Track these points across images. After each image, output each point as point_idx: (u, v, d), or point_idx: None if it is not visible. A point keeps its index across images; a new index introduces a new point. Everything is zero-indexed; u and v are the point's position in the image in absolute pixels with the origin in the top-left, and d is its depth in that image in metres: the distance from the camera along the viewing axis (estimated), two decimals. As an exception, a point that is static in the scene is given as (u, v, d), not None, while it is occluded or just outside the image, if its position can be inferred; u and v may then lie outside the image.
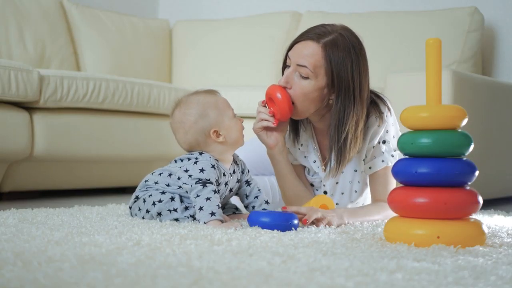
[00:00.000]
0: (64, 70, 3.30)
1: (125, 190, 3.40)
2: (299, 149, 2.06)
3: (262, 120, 1.94)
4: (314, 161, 2.04)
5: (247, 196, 1.94)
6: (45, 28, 3.53)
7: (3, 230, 1.57)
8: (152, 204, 1.83)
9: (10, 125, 2.66)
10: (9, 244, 1.36)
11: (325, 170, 2.03)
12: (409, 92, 2.60)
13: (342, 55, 1.84)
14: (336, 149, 1.90)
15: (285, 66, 1.95)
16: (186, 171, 1.79)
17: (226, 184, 1.86)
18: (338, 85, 1.85)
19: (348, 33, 1.89)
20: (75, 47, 3.73)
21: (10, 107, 2.69)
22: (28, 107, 2.78)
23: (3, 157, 2.67)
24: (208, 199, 1.74)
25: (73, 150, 2.89)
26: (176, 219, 1.80)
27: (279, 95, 1.88)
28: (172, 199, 1.81)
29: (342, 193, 2.05)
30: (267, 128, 1.96)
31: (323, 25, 1.91)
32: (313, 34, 1.88)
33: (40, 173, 2.93)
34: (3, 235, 1.49)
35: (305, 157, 2.06)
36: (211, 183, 1.77)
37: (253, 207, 1.93)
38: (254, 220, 1.72)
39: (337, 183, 2.04)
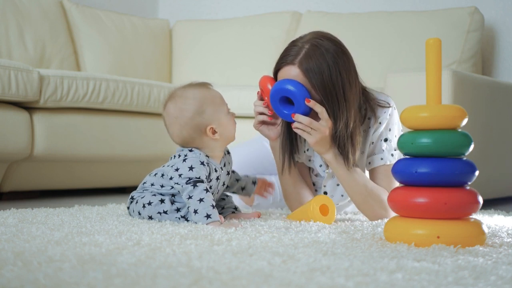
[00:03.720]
0: (64, 70, 3.30)
1: (125, 190, 3.40)
2: (304, 152, 2.05)
3: (259, 114, 1.95)
4: (320, 165, 2.04)
5: (239, 183, 1.99)
6: (45, 28, 3.53)
7: (3, 230, 1.57)
8: (142, 207, 1.83)
9: (10, 125, 2.66)
10: (9, 244, 1.36)
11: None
12: (409, 92, 2.60)
13: (317, 63, 1.83)
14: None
15: None
16: (177, 170, 1.79)
17: (217, 178, 1.86)
18: (322, 92, 1.84)
19: (318, 39, 1.87)
20: (75, 47, 3.73)
21: (10, 107, 2.69)
22: (28, 107, 2.78)
23: (3, 157, 2.67)
24: (201, 200, 1.73)
25: (73, 150, 2.89)
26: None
27: (269, 86, 1.89)
28: (162, 201, 1.81)
29: (342, 195, 2.05)
30: (266, 122, 1.97)
31: (293, 43, 1.90)
32: (288, 57, 1.87)
33: (40, 173, 2.93)
34: (3, 235, 1.49)
35: (309, 160, 2.06)
36: (202, 181, 1.76)
37: (254, 182, 1.98)
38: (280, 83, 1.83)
39: (338, 185, 2.04)
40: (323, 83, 1.83)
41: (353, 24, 3.67)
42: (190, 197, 1.74)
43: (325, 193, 2.06)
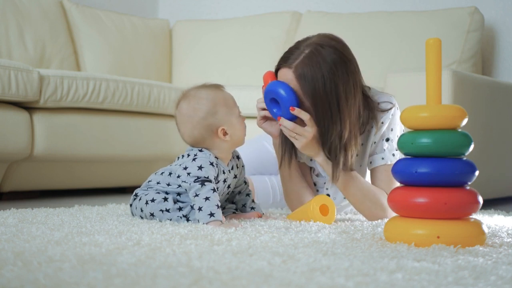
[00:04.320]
0: (64, 70, 3.30)
1: (125, 190, 3.40)
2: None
3: (261, 110, 1.95)
4: None
5: (244, 198, 1.97)
6: (45, 28, 3.53)
7: (3, 230, 1.57)
8: (145, 203, 1.83)
9: (10, 125, 2.66)
10: (9, 244, 1.36)
11: None
12: (409, 92, 2.60)
13: (311, 71, 1.81)
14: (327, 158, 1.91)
15: None
16: (185, 168, 1.79)
17: (224, 181, 1.86)
18: (313, 101, 1.83)
19: (320, 45, 1.84)
20: (75, 47, 3.73)
21: (10, 107, 2.69)
22: (28, 107, 2.78)
23: (3, 157, 2.67)
24: (207, 198, 1.73)
25: (73, 150, 2.89)
26: (169, 220, 1.80)
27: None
28: (165, 199, 1.81)
29: (344, 197, 2.05)
30: (268, 118, 1.97)
31: (297, 45, 1.88)
32: (288, 59, 1.86)
33: (40, 173, 2.93)
34: (3, 235, 1.49)
35: (311, 160, 2.06)
36: (210, 181, 1.77)
37: (244, 205, 1.97)
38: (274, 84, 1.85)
39: None
40: (314, 92, 1.81)
41: (353, 24, 3.67)
42: (196, 195, 1.74)
43: (328, 195, 2.06)
